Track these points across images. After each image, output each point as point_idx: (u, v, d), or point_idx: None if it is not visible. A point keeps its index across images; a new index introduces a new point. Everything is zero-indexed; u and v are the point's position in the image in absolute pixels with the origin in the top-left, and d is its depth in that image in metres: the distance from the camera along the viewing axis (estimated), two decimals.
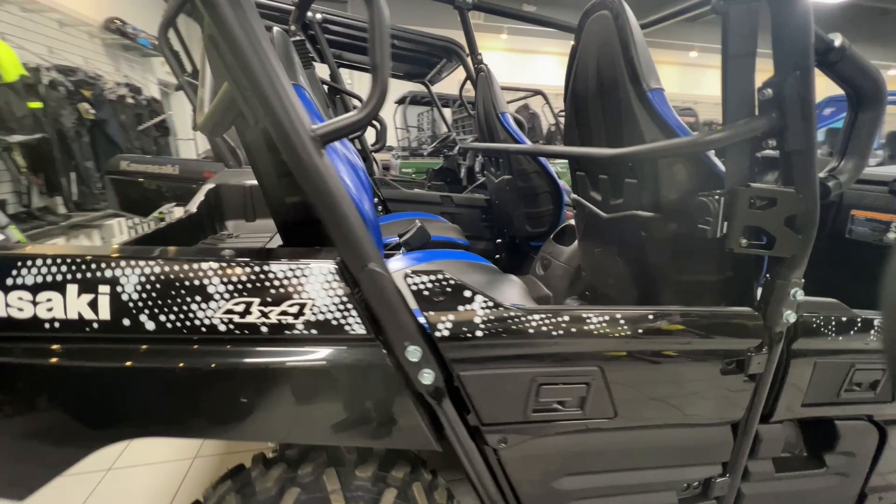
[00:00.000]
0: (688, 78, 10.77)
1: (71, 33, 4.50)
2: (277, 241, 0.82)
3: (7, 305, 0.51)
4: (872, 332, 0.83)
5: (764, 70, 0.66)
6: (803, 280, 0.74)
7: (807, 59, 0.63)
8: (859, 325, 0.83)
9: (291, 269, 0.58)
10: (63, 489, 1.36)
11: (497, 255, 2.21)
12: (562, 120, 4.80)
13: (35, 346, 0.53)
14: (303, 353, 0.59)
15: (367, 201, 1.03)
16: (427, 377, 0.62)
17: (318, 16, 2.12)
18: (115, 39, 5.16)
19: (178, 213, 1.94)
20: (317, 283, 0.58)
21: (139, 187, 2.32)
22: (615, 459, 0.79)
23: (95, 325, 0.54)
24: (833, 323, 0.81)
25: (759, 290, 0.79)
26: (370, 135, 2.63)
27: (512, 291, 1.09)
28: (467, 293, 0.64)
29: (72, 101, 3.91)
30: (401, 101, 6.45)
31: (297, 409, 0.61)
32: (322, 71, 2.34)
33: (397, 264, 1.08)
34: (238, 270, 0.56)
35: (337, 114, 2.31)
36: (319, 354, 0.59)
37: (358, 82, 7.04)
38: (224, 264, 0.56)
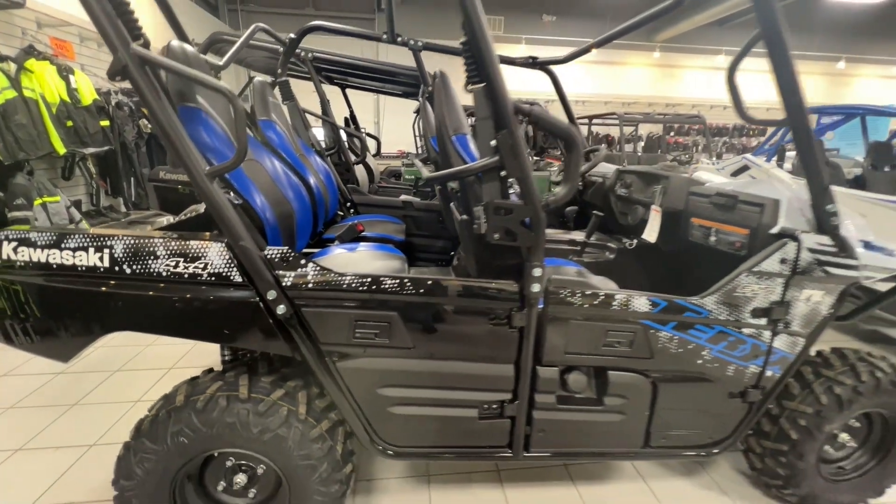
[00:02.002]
0: (717, 82, 10.51)
1: None
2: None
3: (67, 258, 1.00)
4: (614, 303, 1.17)
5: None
6: (544, 262, 1.09)
7: (509, 122, 0.99)
8: (603, 297, 1.17)
9: (203, 244, 1.03)
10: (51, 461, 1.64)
11: (453, 253, 2.60)
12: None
13: (73, 276, 1.02)
14: (208, 291, 1.04)
15: (292, 201, 1.47)
16: (281, 309, 1.04)
17: (310, 55, 2.63)
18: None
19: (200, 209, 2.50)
20: (215, 252, 1.03)
21: (175, 192, 2.92)
22: (422, 379, 1.17)
23: (101, 270, 1.01)
24: (581, 295, 1.16)
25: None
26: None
27: (380, 267, 1.48)
28: (303, 261, 1.06)
29: (133, 119, 4.72)
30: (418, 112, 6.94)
31: (203, 325, 1.06)
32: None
33: (334, 251, 1.54)
34: (175, 244, 1.02)
35: (328, 130, 2.79)
36: (218, 291, 1.04)
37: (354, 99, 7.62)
38: (169, 240, 1.02)
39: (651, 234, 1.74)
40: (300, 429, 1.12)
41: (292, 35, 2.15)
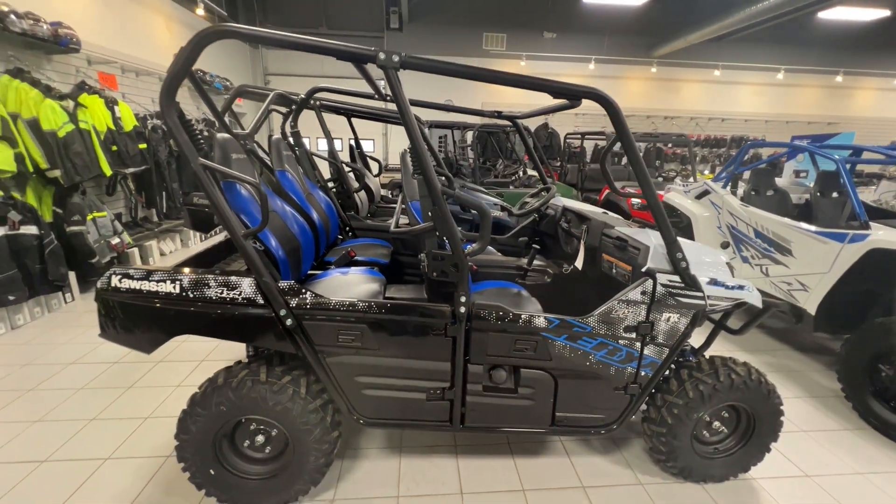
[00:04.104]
0: (714, 95, 10.78)
1: None
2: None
3: (152, 286, 1.53)
4: (521, 321, 1.65)
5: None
6: (469, 291, 1.58)
7: (439, 201, 1.47)
8: (511, 316, 1.65)
9: (238, 279, 1.54)
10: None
11: None
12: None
13: (156, 299, 1.54)
14: (241, 309, 1.55)
15: (298, 236, 1.98)
16: (289, 322, 1.55)
17: (317, 103, 3.16)
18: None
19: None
20: (246, 284, 1.54)
21: (204, 213, 3.49)
22: (385, 370, 1.66)
23: (174, 294, 1.54)
24: (495, 314, 1.64)
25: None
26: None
27: (362, 291, 1.97)
28: (304, 290, 1.56)
29: (165, 140, 5.32)
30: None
31: (237, 331, 1.57)
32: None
33: (331, 274, 2.06)
34: (221, 279, 1.54)
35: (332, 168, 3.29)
36: (248, 310, 1.56)
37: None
38: (218, 276, 1.54)
39: (579, 262, 2.22)
40: (301, 403, 1.63)
41: (302, 95, 2.67)
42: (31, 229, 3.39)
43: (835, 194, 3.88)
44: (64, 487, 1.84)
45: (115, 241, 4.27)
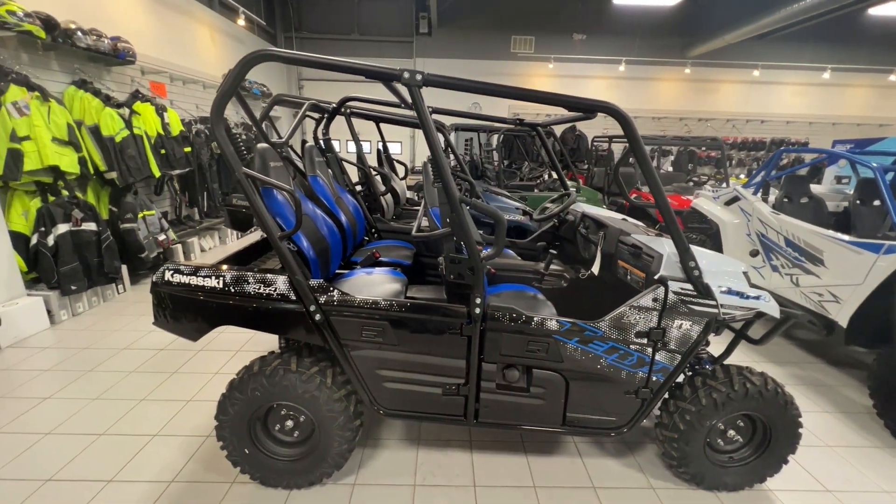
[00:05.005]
0: (753, 95, 10.36)
1: (210, 92, 6.38)
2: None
3: (199, 281, 1.71)
4: (533, 323, 1.72)
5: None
6: (484, 293, 1.67)
7: (457, 209, 1.57)
8: (524, 318, 1.72)
9: (274, 277, 1.70)
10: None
11: None
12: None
13: (202, 292, 1.72)
14: (276, 304, 1.71)
15: (327, 238, 2.13)
16: (318, 317, 1.69)
17: (348, 111, 3.32)
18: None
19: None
20: (281, 282, 1.70)
21: (244, 214, 3.74)
22: (405, 365, 1.77)
23: (218, 289, 1.71)
24: (509, 316, 1.72)
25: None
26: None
27: (385, 291, 2.09)
28: (332, 288, 1.70)
29: (208, 143, 5.69)
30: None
31: (271, 323, 1.73)
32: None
33: (357, 274, 2.21)
34: (259, 276, 1.70)
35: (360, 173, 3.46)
36: (281, 304, 1.71)
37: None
38: (256, 274, 1.70)
39: (595, 268, 2.26)
40: (328, 392, 1.76)
41: (334, 104, 2.84)
42: (91, 226, 3.74)
43: (876, 202, 3.72)
44: (118, 459, 2.06)
45: (162, 237, 4.62)
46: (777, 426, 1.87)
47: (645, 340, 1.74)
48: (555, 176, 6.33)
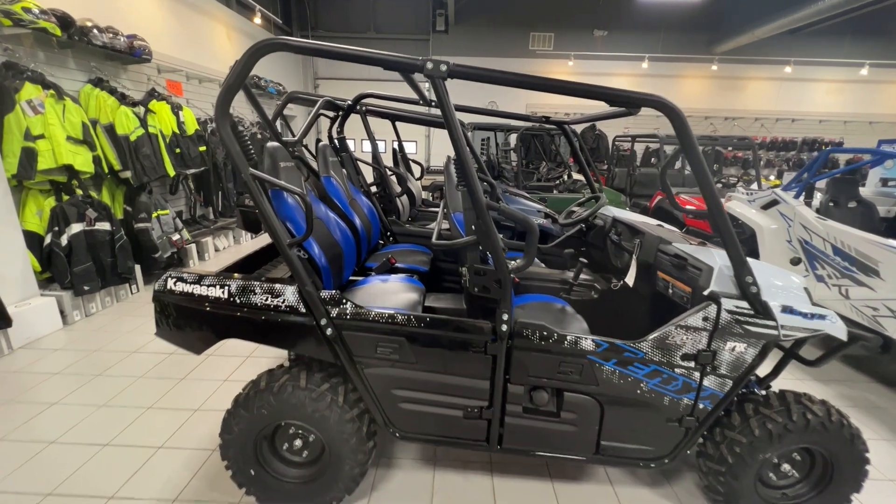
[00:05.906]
0: (783, 93, 9.90)
1: None
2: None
3: (203, 290, 1.59)
4: (566, 342, 1.55)
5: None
6: (511, 308, 1.50)
7: (483, 214, 1.41)
8: (556, 337, 1.55)
9: (282, 287, 1.56)
10: None
11: None
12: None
13: (206, 302, 1.60)
14: (284, 316, 1.57)
15: (341, 243, 1.99)
16: (329, 331, 1.55)
17: (363, 108, 3.19)
18: (253, 91, 7.04)
19: None
20: (290, 293, 1.56)
21: (255, 215, 3.64)
22: (422, 385, 1.62)
23: (222, 299, 1.59)
24: (538, 334, 1.55)
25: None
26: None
27: (401, 300, 1.94)
28: (344, 300, 1.56)
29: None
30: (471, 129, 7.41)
31: (280, 337, 1.60)
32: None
33: (372, 281, 2.06)
34: (267, 286, 1.57)
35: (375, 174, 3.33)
36: (290, 317, 1.57)
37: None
38: (261, 283, 1.57)
39: (630, 279, 2.07)
40: (339, 412, 1.63)
41: (349, 101, 2.70)
42: (105, 225, 3.69)
43: None
44: (121, 472, 1.96)
45: (176, 237, 4.57)
46: (840, 461, 1.65)
47: (692, 364, 1.55)
48: (576, 176, 6.11)
